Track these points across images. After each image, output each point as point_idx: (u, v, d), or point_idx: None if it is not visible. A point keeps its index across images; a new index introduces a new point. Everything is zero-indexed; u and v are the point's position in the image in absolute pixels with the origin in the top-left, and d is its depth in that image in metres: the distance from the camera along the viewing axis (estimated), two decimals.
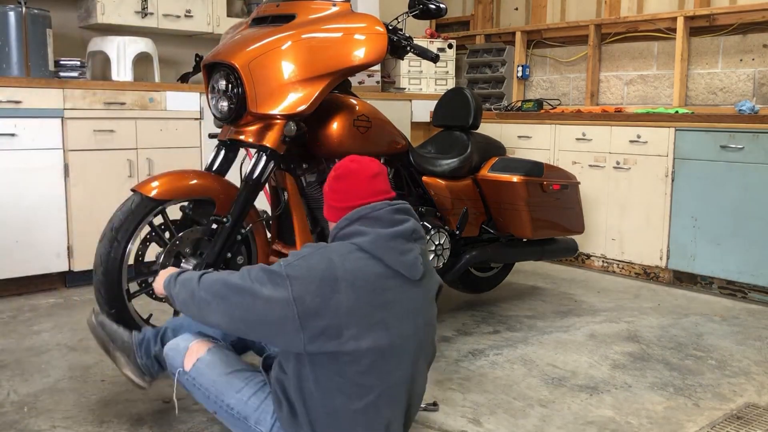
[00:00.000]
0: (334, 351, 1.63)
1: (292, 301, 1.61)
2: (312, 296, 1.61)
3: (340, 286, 1.62)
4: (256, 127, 2.48)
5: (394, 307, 1.68)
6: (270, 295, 1.63)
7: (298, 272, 1.64)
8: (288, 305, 1.61)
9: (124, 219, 2.34)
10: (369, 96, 4.60)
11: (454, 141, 3.28)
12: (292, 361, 1.72)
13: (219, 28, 4.46)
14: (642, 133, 4.01)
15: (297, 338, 1.63)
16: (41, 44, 3.68)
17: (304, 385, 1.70)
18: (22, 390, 2.41)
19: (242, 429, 1.81)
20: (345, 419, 1.68)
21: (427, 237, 2.95)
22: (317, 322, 1.61)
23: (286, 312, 1.61)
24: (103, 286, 2.32)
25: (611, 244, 4.23)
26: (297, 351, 1.66)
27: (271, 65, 2.43)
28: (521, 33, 5.34)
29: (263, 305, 1.64)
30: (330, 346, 1.63)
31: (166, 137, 3.89)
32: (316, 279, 1.62)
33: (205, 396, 1.85)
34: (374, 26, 2.56)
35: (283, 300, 1.61)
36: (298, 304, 1.61)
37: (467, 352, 2.82)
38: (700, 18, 4.34)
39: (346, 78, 2.84)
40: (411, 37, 2.74)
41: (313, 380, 1.68)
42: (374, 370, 1.66)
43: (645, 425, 2.21)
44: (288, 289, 1.62)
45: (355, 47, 2.52)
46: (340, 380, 1.66)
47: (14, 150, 3.43)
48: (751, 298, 3.70)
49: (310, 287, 1.61)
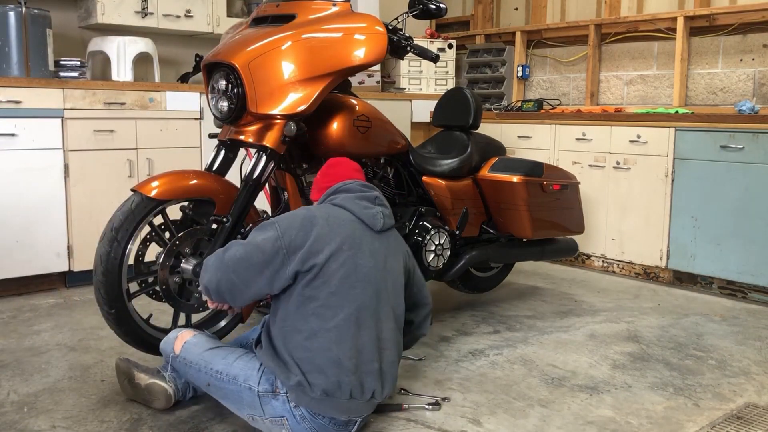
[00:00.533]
0: (312, 272, 1.95)
1: (279, 236, 1.96)
2: (296, 231, 1.97)
3: (317, 221, 2.00)
4: (256, 127, 2.47)
5: (360, 244, 2.04)
6: (262, 238, 1.97)
7: (283, 217, 2.03)
8: (277, 240, 1.95)
9: (124, 219, 2.33)
10: (369, 96, 4.60)
11: (454, 141, 3.28)
12: (277, 305, 2.03)
13: (219, 28, 4.46)
14: (642, 133, 4.01)
15: (284, 268, 1.95)
16: (41, 44, 3.68)
17: (287, 320, 1.98)
18: (22, 390, 2.41)
19: (234, 391, 2.01)
20: (320, 339, 1.95)
21: (428, 237, 2.95)
22: (300, 250, 1.95)
23: (275, 246, 1.95)
24: (103, 286, 2.31)
25: (611, 244, 4.23)
26: (284, 282, 1.97)
27: (270, 65, 2.42)
28: (521, 33, 5.34)
29: (255, 246, 1.96)
30: (309, 268, 1.95)
31: (166, 137, 3.89)
32: (298, 219, 2.01)
33: (196, 370, 2.07)
34: (374, 26, 2.55)
35: (272, 237, 1.96)
36: (285, 238, 1.96)
37: (467, 352, 2.83)
38: (700, 18, 4.34)
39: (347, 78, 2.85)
40: (411, 37, 2.74)
41: (294, 311, 1.97)
42: (342, 291, 1.97)
43: (645, 425, 2.21)
44: (276, 229, 1.98)
45: (355, 47, 2.52)
46: (314, 305, 1.95)
47: (14, 150, 3.43)
48: (751, 298, 3.70)
49: (294, 224, 1.99)
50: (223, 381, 2.02)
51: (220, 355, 2.07)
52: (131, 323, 2.38)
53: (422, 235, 2.95)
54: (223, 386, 2.02)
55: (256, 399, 1.98)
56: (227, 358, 2.05)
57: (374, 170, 2.92)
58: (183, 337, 2.16)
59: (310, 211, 2.05)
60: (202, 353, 2.08)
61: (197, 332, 2.20)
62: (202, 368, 2.06)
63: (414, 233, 2.95)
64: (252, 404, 1.99)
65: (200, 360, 2.07)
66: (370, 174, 2.90)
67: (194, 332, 2.19)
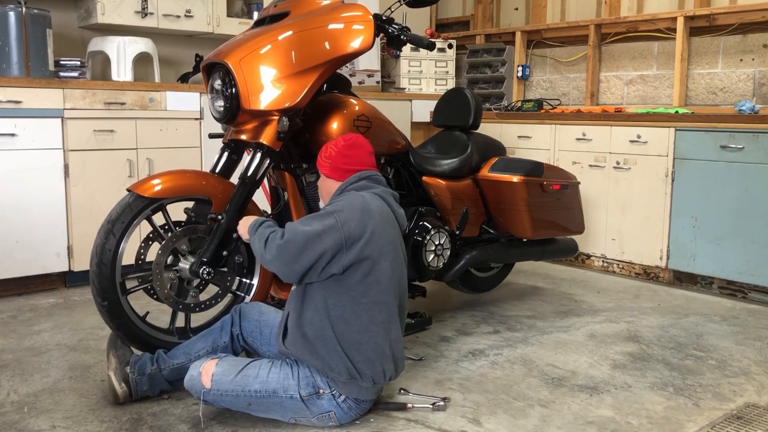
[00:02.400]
0: (365, 266, 2.06)
1: (339, 227, 2.03)
2: (355, 223, 2.05)
3: (374, 215, 2.09)
4: (252, 125, 2.49)
5: (398, 243, 2.20)
6: (322, 228, 2.04)
7: (342, 206, 2.09)
8: (337, 231, 2.03)
9: (121, 212, 2.36)
10: (369, 96, 4.60)
11: (454, 141, 3.28)
12: (314, 295, 2.10)
13: (219, 28, 4.46)
14: (642, 133, 4.01)
15: (341, 259, 2.04)
16: (41, 44, 3.68)
17: (333, 311, 2.07)
18: (22, 390, 2.41)
19: (277, 405, 2.07)
20: (370, 332, 2.08)
21: (428, 237, 2.95)
22: (357, 243, 2.04)
23: (336, 238, 2.03)
24: (97, 277, 2.33)
25: (611, 244, 4.23)
26: (336, 271, 2.05)
27: (261, 62, 2.44)
28: (521, 33, 5.34)
29: (317, 235, 2.03)
30: (362, 259, 2.05)
31: (166, 137, 3.89)
32: (356, 210, 2.08)
33: (233, 396, 2.07)
34: (361, 16, 2.57)
35: (332, 227, 2.03)
36: (345, 229, 2.04)
37: (467, 352, 2.82)
38: (700, 18, 4.34)
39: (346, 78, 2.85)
40: (407, 27, 2.74)
41: (343, 304, 2.07)
42: (389, 289, 2.12)
43: (645, 425, 2.21)
44: (336, 219, 2.05)
45: (342, 38, 2.53)
46: (366, 300, 2.07)
47: (14, 150, 3.43)
48: (751, 298, 3.70)
49: (353, 215, 2.06)
50: (263, 398, 2.06)
51: (251, 375, 2.08)
52: (124, 317, 2.38)
53: (422, 235, 2.95)
54: (264, 402, 2.07)
55: (301, 404, 2.07)
56: (260, 376, 2.08)
57: None
58: (208, 370, 2.09)
59: (366, 202, 2.11)
60: (234, 379, 2.07)
61: (217, 360, 2.14)
62: (239, 393, 2.07)
63: (414, 233, 2.95)
64: (296, 409, 2.08)
65: (235, 387, 2.07)
66: None
67: (215, 361, 2.13)
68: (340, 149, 2.24)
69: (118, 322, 2.38)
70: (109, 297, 2.34)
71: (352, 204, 2.10)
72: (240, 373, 2.08)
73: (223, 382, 2.07)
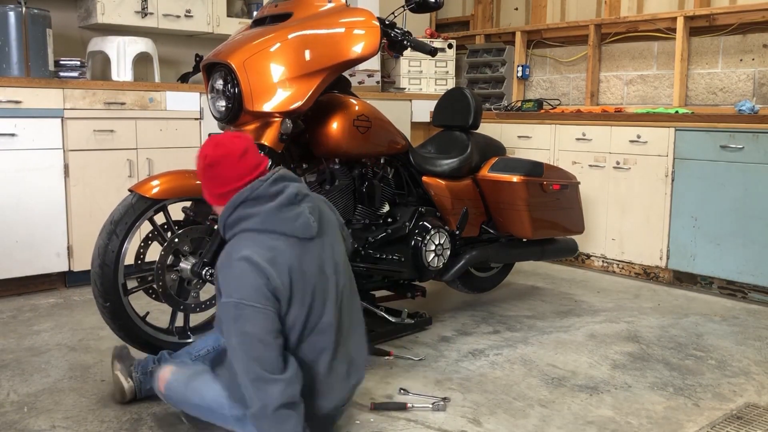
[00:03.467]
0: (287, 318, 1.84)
1: (261, 308, 1.77)
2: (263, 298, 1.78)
3: (267, 271, 1.78)
4: (254, 126, 2.48)
5: (309, 268, 1.86)
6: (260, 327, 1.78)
7: (238, 294, 1.78)
8: (258, 311, 1.77)
9: (124, 212, 2.36)
10: (369, 96, 4.60)
11: (454, 141, 3.28)
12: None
13: (219, 28, 4.46)
14: (642, 133, 4.01)
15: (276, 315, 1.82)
16: (41, 44, 3.68)
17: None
18: (22, 390, 2.41)
19: (218, 418, 1.97)
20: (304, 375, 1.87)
21: (428, 237, 2.95)
22: (280, 303, 1.81)
23: (274, 316, 1.80)
24: (99, 278, 2.33)
25: (611, 244, 4.23)
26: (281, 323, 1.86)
27: (265, 63, 2.44)
28: (521, 33, 5.34)
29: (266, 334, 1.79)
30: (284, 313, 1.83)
31: (166, 137, 3.89)
32: (249, 283, 1.78)
33: (184, 405, 2.05)
34: (367, 21, 2.57)
35: (265, 315, 1.78)
36: (270, 306, 1.79)
37: (467, 352, 2.82)
38: (700, 18, 4.34)
39: (346, 78, 2.85)
40: (409, 32, 2.74)
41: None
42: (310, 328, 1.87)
43: (645, 425, 2.21)
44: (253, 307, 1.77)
45: (348, 42, 2.53)
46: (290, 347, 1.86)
47: (14, 150, 3.43)
48: (751, 298, 3.70)
49: (251, 293, 1.77)
50: (203, 412, 2.00)
51: (196, 388, 2.01)
52: (126, 318, 2.38)
53: (422, 235, 2.95)
54: (208, 416, 2.01)
55: (233, 422, 1.95)
56: (200, 390, 2.00)
57: (374, 170, 2.93)
58: (162, 377, 2.09)
59: (252, 264, 1.79)
60: (182, 390, 2.03)
61: (173, 368, 2.12)
62: (186, 405, 2.04)
63: (414, 233, 2.96)
64: (234, 426, 1.96)
65: (183, 398, 2.04)
66: (370, 174, 2.90)
67: (171, 368, 2.11)
68: (204, 173, 1.92)
69: (119, 323, 2.38)
70: (111, 298, 2.34)
71: (240, 279, 1.79)
72: (187, 384, 2.03)
73: (173, 390, 2.05)
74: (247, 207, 1.85)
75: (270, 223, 1.83)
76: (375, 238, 2.82)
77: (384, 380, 2.51)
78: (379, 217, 2.94)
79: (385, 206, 3.05)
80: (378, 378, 2.53)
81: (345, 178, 2.80)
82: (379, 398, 2.36)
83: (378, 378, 2.53)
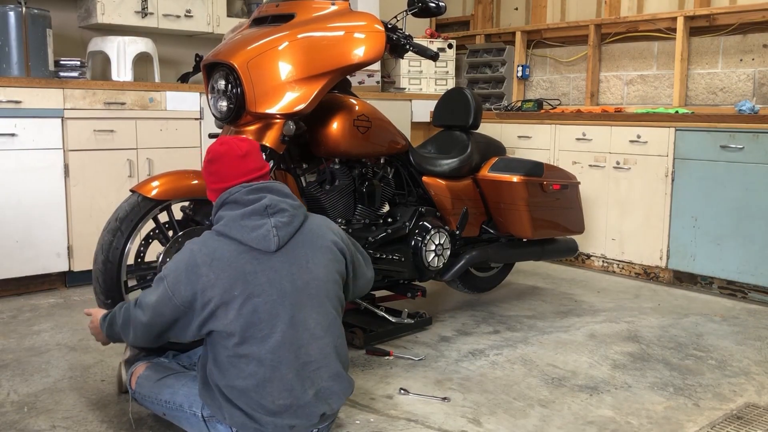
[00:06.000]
0: (211, 321, 1.82)
1: (171, 294, 1.83)
2: (183, 286, 1.82)
3: (201, 269, 1.82)
4: (256, 127, 2.48)
5: (255, 277, 1.83)
6: (156, 299, 1.86)
7: (169, 269, 1.87)
8: (169, 299, 1.84)
9: (130, 210, 2.36)
10: (369, 96, 4.60)
11: (454, 141, 3.28)
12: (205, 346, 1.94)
13: (219, 28, 4.46)
14: (642, 133, 4.01)
15: (187, 324, 1.86)
16: (41, 44, 3.68)
17: (208, 366, 1.90)
18: (22, 390, 2.41)
19: (184, 419, 1.99)
20: (240, 387, 1.83)
21: (428, 237, 2.95)
22: (195, 302, 1.82)
23: (170, 304, 1.84)
24: (102, 275, 2.32)
25: (611, 244, 4.23)
26: (193, 336, 1.89)
27: (269, 65, 2.43)
28: (521, 33, 5.34)
29: (153, 310, 1.87)
30: (207, 317, 1.82)
31: (166, 137, 3.89)
32: (182, 270, 1.83)
33: (150, 402, 2.05)
34: (372, 25, 2.56)
35: (166, 297, 1.84)
36: (177, 296, 1.83)
37: (467, 352, 2.82)
38: (700, 18, 4.34)
39: (346, 78, 2.85)
40: (411, 35, 2.75)
41: (212, 359, 1.88)
42: (248, 340, 1.81)
43: (645, 425, 2.21)
44: (165, 287, 1.84)
45: (353, 46, 2.52)
46: (226, 354, 1.83)
47: (14, 150, 3.43)
48: (751, 298, 3.70)
49: (180, 277, 1.83)
50: (172, 410, 2.00)
51: (167, 384, 2.03)
52: None
53: (422, 235, 2.95)
54: (174, 414, 2.01)
55: (202, 424, 1.94)
56: (173, 387, 2.01)
57: (374, 170, 2.93)
58: (136, 372, 2.12)
59: (193, 256, 1.84)
60: (152, 386, 2.05)
61: (149, 364, 2.15)
62: (155, 400, 2.04)
63: (414, 233, 2.96)
64: (199, 428, 1.95)
65: (151, 393, 2.04)
66: (370, 174, 2.90)
67: (147, 364, 2.14)
68: (205, 168, 1.97)
69: None
70: (113, 296, 2.34)
71: (177, 263, 1.85)
72: (160, 380, 2.04)
73: (144, 386, 2.06)
74: (226, 209, 1.90)
75: (229, 228, 1.86)
76: (375, 238, 2.82)
77: (384, 380, 2.51)
78: (379, 217, 2.94)
79: (385, 206, 3.05)
80: (378, 378, 2.53)
81: (345, 178, 2.80)
82: (378, 398, 2.36)
83: (378, 378, 2.53)
